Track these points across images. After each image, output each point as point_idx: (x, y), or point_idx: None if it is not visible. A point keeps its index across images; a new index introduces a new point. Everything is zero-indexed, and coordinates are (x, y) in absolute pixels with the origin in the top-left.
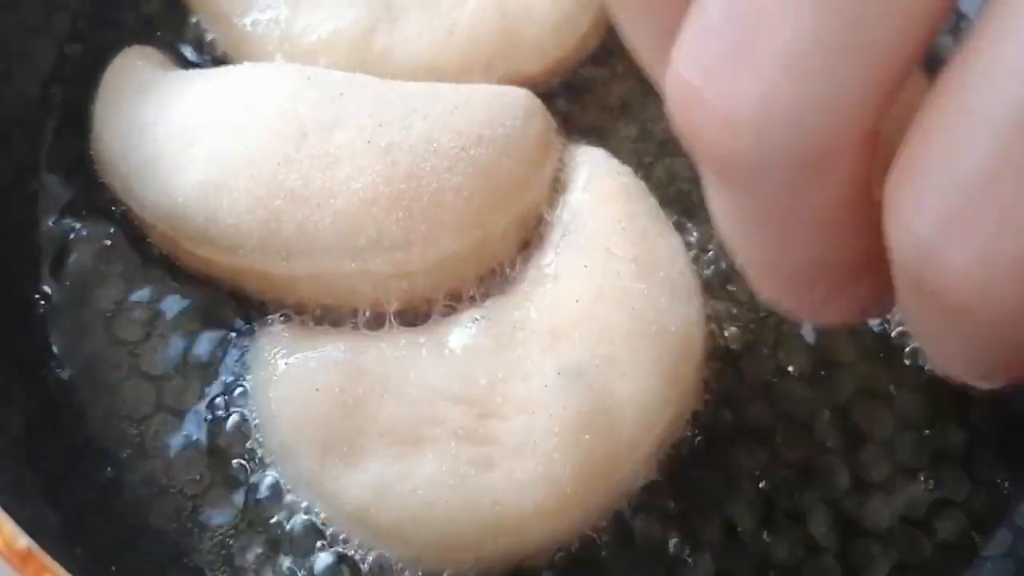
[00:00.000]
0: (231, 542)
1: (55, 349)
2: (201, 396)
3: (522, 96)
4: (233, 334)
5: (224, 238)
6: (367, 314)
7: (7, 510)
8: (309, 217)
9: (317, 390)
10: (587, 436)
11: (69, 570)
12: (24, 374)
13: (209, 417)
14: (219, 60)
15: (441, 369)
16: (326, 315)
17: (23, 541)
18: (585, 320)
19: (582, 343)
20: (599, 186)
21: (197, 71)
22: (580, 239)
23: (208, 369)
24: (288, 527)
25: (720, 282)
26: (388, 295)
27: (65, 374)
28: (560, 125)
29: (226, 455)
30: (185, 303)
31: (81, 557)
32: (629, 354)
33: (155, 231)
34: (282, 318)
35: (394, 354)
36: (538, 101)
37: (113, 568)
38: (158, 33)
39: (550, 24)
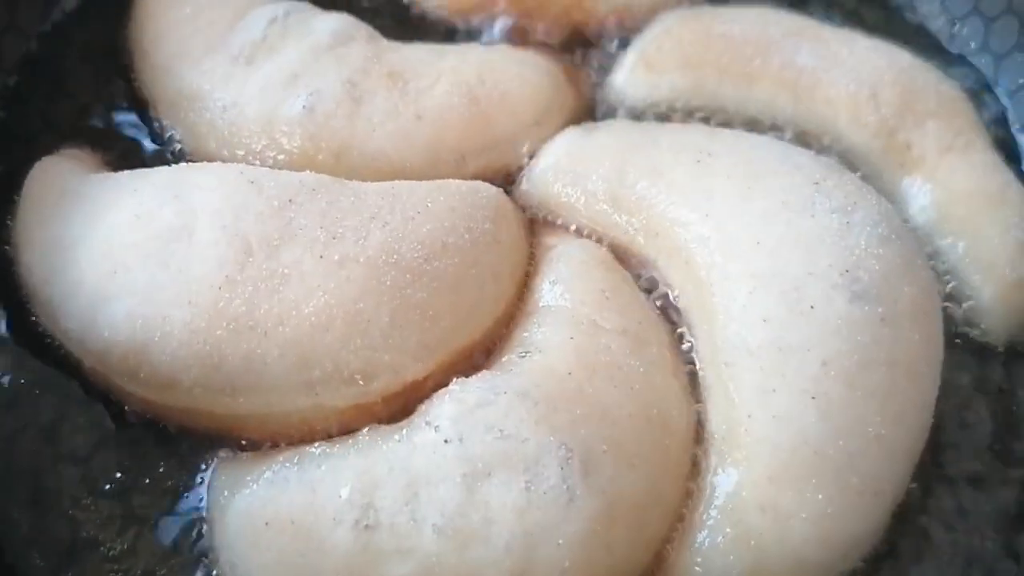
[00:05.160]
0: None
1: None
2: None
3: (493, 195)
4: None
5: (158, 376)
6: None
7: None
8: (255, 349)
9: (267, 524)
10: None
11: None
12: None
13: None
14: (178, 154)
15: (406, 477)
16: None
17: None
18: (581, 397)
19: (584, 422)
20: (578, 259)
21: (126, 173)
22: (563, 312)
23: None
24: None
25: None
26: (347, 425)
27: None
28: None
29: None
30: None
31: None
32: (635, 441)
33: (84, 366)
34: (234, 447)
35: (351, 467)
36: (510, 203)
37: None
38: (115, 125)
39: (528, 116)
